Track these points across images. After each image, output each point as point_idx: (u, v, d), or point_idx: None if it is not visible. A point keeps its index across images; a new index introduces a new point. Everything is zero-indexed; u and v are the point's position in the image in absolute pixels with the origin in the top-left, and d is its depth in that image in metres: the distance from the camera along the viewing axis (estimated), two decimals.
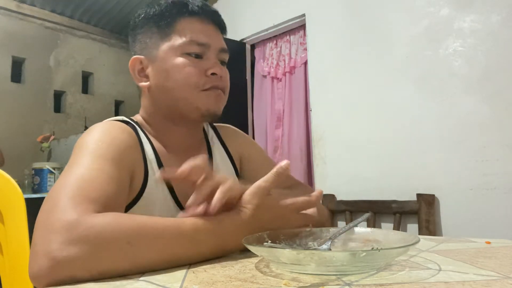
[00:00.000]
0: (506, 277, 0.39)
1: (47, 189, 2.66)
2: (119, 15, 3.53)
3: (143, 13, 0.77)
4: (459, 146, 1.88)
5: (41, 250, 0.43)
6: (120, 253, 0.43)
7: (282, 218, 0.57)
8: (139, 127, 0.75)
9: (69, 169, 0.56)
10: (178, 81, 0.72)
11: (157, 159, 0.73)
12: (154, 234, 0.46)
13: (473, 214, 1.81)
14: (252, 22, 2.94)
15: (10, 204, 0.71)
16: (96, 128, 0.68)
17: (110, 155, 0.61)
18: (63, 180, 0.53)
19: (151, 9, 0.77)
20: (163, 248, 0.46)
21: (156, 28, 0.75)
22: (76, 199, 0.48)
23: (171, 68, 0.72)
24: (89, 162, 0.57)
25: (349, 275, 0.42)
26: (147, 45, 0.76)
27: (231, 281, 0.41)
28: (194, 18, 0.74)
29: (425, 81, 2.02)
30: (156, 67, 0.74)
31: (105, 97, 3.73)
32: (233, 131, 0.94)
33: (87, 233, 0.43)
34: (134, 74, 0.77)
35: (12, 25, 3.15)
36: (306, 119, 2.74)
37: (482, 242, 0.63)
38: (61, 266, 0.41)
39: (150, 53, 0.75)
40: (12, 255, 0.70)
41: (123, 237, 0.44)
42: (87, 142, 0.63)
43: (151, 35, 0.76)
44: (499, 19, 1.81)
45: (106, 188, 0.54)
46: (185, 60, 0.72)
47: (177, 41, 0.73)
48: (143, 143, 0.72)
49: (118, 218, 0.46)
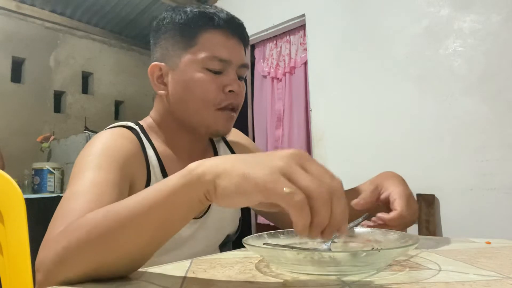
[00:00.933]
0: (506, 277, 0.39)
1: (47, 189, 2.66)
2: (119, 15, 3.53)
3: (169, 18, 0.76)
4: (459, 146, 1.88)
5: (45, 246, 0.46)
6: (102, 245, 0.42)
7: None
8: (143, 132, 0.76)
9: (75, 182, 0.59)
10: (195, 95, 0.72)
11: (160, 164, 0.74)
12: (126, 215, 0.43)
13: (473, 214, 1.81)
14: (252, 22, 2.94)
15: (10, 204, 0.71)
16: (99, 138, 0.69)
17: (111, 165, 0.62)
18: (70, 194, 0.56)
19: (177, 15, 0.75)
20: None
21: (180, 37, 0.74)
22: (86, 207, 0.51)
23: (190, 81, 0.72)
24: (94, 175, 0.59)
25: (349, 275, 0.42)
26: (169, 52, 0.75)
27: (231, 281, 0.41)
28: (219, 32, 0.73)
29: (425, 81, 2.02)
30: (176, 76, 0.74)
31: (105, 97, 3.72)
32: (238, 134, 0.96)
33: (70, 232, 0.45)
34: (152, 80, 0.76)
35: (12, 25, 3.15)
36: (306, 120, 2.74)
37: (482, 242, 0.63)
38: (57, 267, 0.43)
39: (171, 61, 0.75)
40: (12, 255, 0.70)
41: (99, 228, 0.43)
42: (90, 155, 0.64)
43: (174, 43, 0.75)
44: (499, 19, 1.81)
45: (109, 199, 0.55)
46: (204, 75, 0.72)
47: (199, 55, 0.72)
48: (146, 148, 0.73)
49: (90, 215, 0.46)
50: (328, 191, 0.35)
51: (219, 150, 0.88)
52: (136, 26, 3.68)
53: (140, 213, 0.41)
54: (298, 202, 0.34)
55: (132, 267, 0.44)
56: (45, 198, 2.41)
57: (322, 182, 0.35)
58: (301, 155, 0.37)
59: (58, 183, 2.73)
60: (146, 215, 0.41)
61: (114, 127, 0.74)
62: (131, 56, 3.89)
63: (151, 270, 0.47)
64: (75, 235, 0.43)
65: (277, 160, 0.36)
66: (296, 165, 0.36)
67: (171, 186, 0.40)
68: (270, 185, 0.35)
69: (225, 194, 0.37)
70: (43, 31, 3.34)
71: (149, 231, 0.41)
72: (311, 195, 0.34)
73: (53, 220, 0.52)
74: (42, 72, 3.31)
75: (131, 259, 0.43)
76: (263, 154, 0.39)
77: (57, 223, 0.50)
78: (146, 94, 3.92)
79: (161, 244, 0.44)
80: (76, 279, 0.42)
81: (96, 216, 0.44)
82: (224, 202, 0.38)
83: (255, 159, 0.38)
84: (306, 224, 0.34)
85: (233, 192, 0.37)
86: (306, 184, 0.35)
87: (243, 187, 0.36)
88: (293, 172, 0.35)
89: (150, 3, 3.35)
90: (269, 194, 0.35)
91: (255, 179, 0.35)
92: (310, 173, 0.36)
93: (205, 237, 0.79)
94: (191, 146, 0.81)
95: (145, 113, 0.84)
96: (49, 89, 3.35)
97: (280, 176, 0.35)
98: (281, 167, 0.35)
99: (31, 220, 0.74)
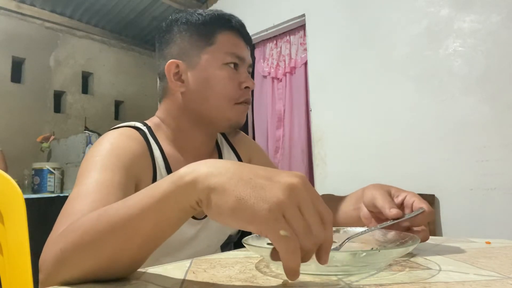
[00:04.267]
0: (506, 277, 0.39)
1: (47, 189, 2.66)
2: (119, 15, 3.53)
3: (184, 19, 0.79)
4: (459, 146, 1.88)
5: (49, 244, 0.46)
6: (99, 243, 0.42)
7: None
8: (150, 132, 0.76)
9: (81, 182, 0.59)
10: (217, 91, 0.75)
11: (166, 165, 0.74)
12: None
13: (473, 214, 1.81)
14: (252, 22, 2.94)
15: (10, 204, 0.71)
16: (106, 138, 0.69)
17: (117, 166, 0.63)
18: (76, 194, 0.56)
19: (193, 16, 0.79)
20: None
21: (198, 36, 0.77)
22: (90, 208, 0.52)
23: (213, 77, 0.75)
24: (99, 175, 0.60)
25: (349, 275, 0.42)
26: (187, 51, 0.77)
27: (231, 281, 0.41)
28: (233, 33, 0.79)
29: (425, 81, 2.02)
30: (196, 74, 0.76)
31: (105, 97, 3.73)
32: (242, 135, 0.97)
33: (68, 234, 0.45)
34: (169, 77, 0.77)
35: (12, 25, 3.15)
36: (307, 120, 2.74)
37: (482, 242, 0.63)
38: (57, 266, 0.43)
39: (189, 59, 0.77)
40: (12, 255, 0.70)
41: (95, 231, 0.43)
42: (97, 155, 0.64)
43: (193, 42, 0.77)
44: (499, 19, 1.81)
45: (114, 200, 0.55)
46: (225, 72, 0.76)
47: (219, 52, 0.76)
48: (153, 149, 0.74)
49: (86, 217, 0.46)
50: (316, 244, 0.35)
51: (223, 153, 0.88)
52: (136, 26, 3.68)
53: (132, 218, 0.40)
54: (291, 247, 0.34)
55: (128, 270, 0.43)
56: (45, 198, 2.41)
57: (312, 235, 0.35)
58: (301, 189, 0.36)
59: (58, 183, 2.73)
60: (137, 221, 0.40)
61: (121, 127, 0.75)
62: (131, 56, 3.89)
63: (151, 270, 0.47)
64: (71, 238, 0.43)
65: (278, 192, 0.34)
66: (295, 205, 0.35)
67: (161, 192, 0.39)
68: (266, 223, 0.34)
69: (217, 212, 0.36)
70: (43, 31, 3.35)
71: (140, 236, 0.41)
72: (300, 244, 0.34)
73: (58, 220, 0.52)
74: (42, 72, 3.31)
75: (124, 263, 0.42)
76: (263, 175, 0.37)
77: (61, 223, 0.50)
78: (146, 94, 3.92)
79: (154, 248, 0.43)
80: (75, 280, 0.42)
81: (90, 219, 0.44)
82: (215, 218, 0.37)
83: (255, 181, 0.36)
84: (297, 269, 0.34)
85: (226, 214, 0.35)
86: (299, 231, 0.34)
87: (238, 214, 0.35)
88: (291, 214, 0.34)
89: (150, 3, 3.35)
90: (264, 231, 0.34)
91: (252, 210, 0.34)
92: (305, 217, 0.35)
93: (207, 238, 0.79)
94: (199, 146, 0.81)
95: (145, 113, 0.84)
96: (49, 89, 3.35)
97: (279, 215, 0.34)
98: (281, 205, 0.34)
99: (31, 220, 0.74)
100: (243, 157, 0.91)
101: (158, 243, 0.43)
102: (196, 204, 0.38)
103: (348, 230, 0.58)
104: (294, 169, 2.79)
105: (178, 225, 0.42)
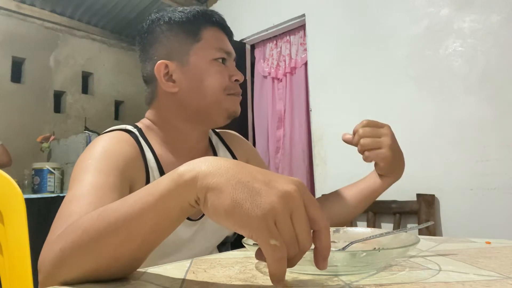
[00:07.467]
0: (506, 277, 0.39)
1: (47, 189, 2.66)
2: (119, 15, 3.53)
3: (166, 18, 0.78)
4: (459, 146, 1.88)
5: (47, 245, 0.46)
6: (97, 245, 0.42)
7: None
8: (141, 135, 0.76)
9: (75, 185, 0.59)
10: (211, 85, 0.76)
11: (159, 167, 0.74)
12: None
13: (473, 214, 1.81)
14: (252, 22, 2.94)
15: (10, 204, 0.71)
16: (99, 141, 0.69)
17: (111, 168, 0.63)
18: (71, 196, 0.57)
19: (174, 14, 0.78)
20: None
21: (184, 34, 0.77)
22: (86, 210, 0.52)
23: (206, 72, 0.76)
24: (94, 178, 0.60)
25: (349, 275, 0.42)
26: (175, 50, 0.76)
27: (231, 281, 0.41)
28: (217, 28, 0.79)
29: (425, 81, 2.02)
30: (188, 71, 0.76)
31: (105, 97, 3.72)
32: (237, 136, 0.97)
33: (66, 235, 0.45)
34: (160, 78, 0.76)
35: (12, 25, 3.15)
36: (307, 120, 2.74)
37: (482, 242, 0.63)
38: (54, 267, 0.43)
39: (178, 58, 0.76)
40: (11, 255, 0.70)
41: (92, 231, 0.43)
42: (90, 158, 0.65)
43: (179, 40, 0.77)
44: (499, 19, 1.81)
45: (109, 202, 0.55)
46: (216, 66, 0.77)
47: (208, 48, 0.77)
48: (145, 151, 0.73)
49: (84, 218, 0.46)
50: (302, 252, 0.37)
51: (218, 153, 0.88)
52: (136, 26, 3.67)
53: (131, 217, 0.40)
54: (277, 256, 0.34)
55: (128, 270, 0.43)
56: (45, 198, 2.41)
57: (297, 243, 0.36)
58: (295, 197, 0.36)
59: (58, 183, 2.73)
60: (137, 219, 0.40)
61: (112, 131, 0.74)
62: (131, 56, 3.89)
63: (151, 270, 0.47)
64: (70, 238, 0.43)
65: (274, 199, 0.35)
66: (288, 213, 0.35)
67: (161, 190, 0.39)
68: (258, 230, 0.34)
69: (213, 212, 0.37)
70: (43, 31, 3.34)
71: (140, 235, 0.41)
72: (287, 251, 0.35)
73: (54, 223, 0.52)
74: (42, 72, 3.31)
75: (125, 261, 0.42)
76: (261, 179, 0.37)
77: (58, 226, 0.50)
78: None
79: (154, 246, 0.43)
80: (75, 280, 0.42)
81: (90, 218, 0.44)
82: (212, 218, 0.37)
83: (252, 185, 0.36)
84: (281, 276, 0.35)
85: (221, 215, 0.36)
86: (287, 240, 0.35)
87: (232, 217, 0.35)
88: (282, 222, 0.35)
89: (150, 3, 3.35)
90: (254, 236, 0.35)
91: (246, 215, 0.34)
92: (294, 226, 0.35)
93: (204, 239, 0.78)
94: (194, 145, 0.81)
95: (145, 113, 0.83)
96: (49, 89, 3.35)
97: (271, 223, 0.34)
98: (274, 212, 0.34)
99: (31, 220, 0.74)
100: (240, 157, 0.91)
101: (158, 241, 0.43)
102: (194, 202, 0.38)
103: (348, 230, 0.58)
104: (294, 169, 2.79)
105: (178, 223, 0.42)
